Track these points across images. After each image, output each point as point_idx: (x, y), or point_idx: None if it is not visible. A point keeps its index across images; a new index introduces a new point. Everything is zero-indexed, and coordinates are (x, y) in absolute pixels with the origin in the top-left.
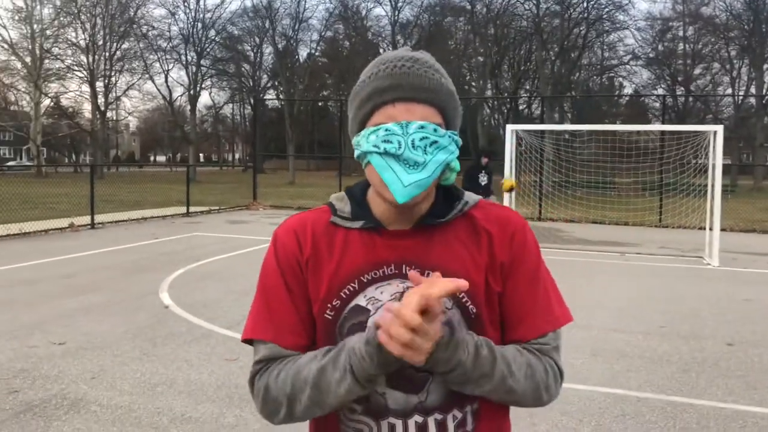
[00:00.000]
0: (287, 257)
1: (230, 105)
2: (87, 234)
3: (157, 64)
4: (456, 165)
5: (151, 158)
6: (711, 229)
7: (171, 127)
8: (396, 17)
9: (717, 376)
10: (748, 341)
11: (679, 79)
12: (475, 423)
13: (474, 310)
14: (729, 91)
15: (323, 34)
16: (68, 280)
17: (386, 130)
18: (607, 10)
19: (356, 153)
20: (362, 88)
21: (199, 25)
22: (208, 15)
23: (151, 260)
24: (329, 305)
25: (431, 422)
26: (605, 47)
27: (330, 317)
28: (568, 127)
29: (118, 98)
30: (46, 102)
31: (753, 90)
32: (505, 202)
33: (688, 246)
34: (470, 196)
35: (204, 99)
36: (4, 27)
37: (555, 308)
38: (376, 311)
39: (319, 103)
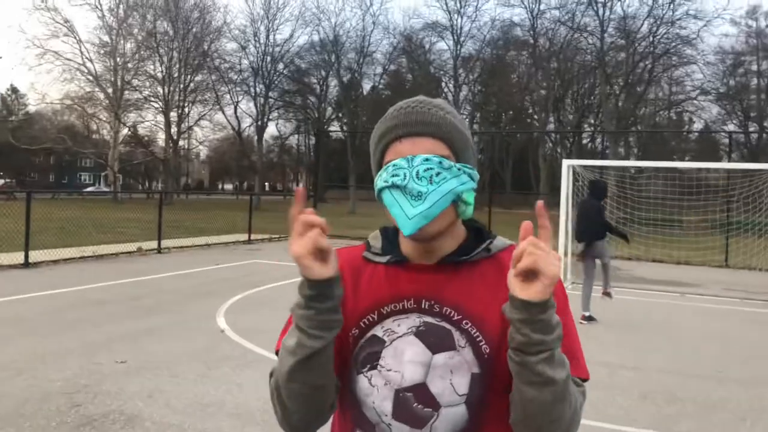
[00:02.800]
0: None
1: (296, 136)
2: (154, 258)
3: (228, 96)
4: (469, 197)
5: (220, 186)
6: None
7: (239, 157)
8: (458, 51)
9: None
10: None
11: (752, 114)
12: None
13: (487, 350)
14: None
15: (387, 67)
16: (134, 302)
17: (394, 165)
18: (674, 44)
19: (376, 193)
20: (375, 132)
21: (268, 58)
22: (277, 49)
23: (212, 285)
24: (349, 334)
25: None
26: (673, 82)
27: (349, 346)
28: (626, 163)
29: (190, 128)
30: (124, 131)
31: None
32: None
33: (755, 288)
34: (500, 240)
35: (271, 129)
36: (90, 60)
37: (581, 359)
38: (391, 343)
39: None
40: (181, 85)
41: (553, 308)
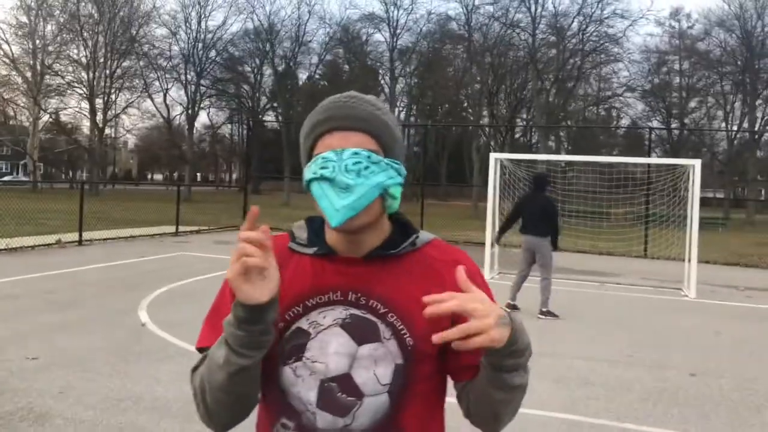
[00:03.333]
0: None
1: (228, 125)
2: (74, 251)
3: (157, 83)
4: (396, 192)
5: (149, 176)
6: (689, 261)
7: (169, 146)
8: (395, 43)
9: (674, 405)
10: (710, 372)
11: (674, 111)
12: None
13: (411, 343)
14: (723, 125)
15: (323, 57)
16: (50, 295)
17: (323, 158)
18: (602, 42)
19: (304, 185)
20: (305, 125)
21: (200, 45)
22: (209, 36)
23: (135, 278)
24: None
25: None
26: (600, 78)
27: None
28: (552, 157)
29: (117, 116)
30: (45, 118)
31: (746, 125)
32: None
33: (670, 277)
34: (424, 234)
35: (202, 118)
36: (7, 42)
37: None
38: (317, 335)
39: None
40: (107, 71)
41: (518, 336)
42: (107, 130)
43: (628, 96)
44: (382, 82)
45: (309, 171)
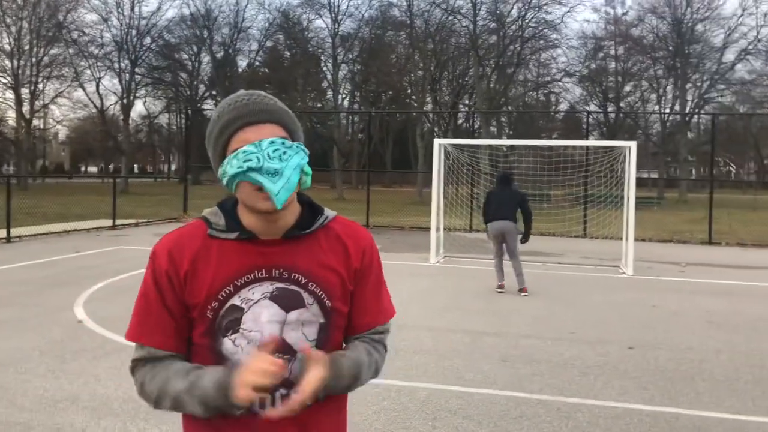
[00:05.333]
0: (161, 274)
1: (166, 115)
2: (1, 248)
3: (89, 71)
4: (308, 169)
5: (82, 169)
6: (627, 239)
7: (103, 137)
8: (336, 29)
9: (614, 378)
10: (648, 345)
11: (610, 96)
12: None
13: (329, 305)
14: (656, 107)
15: (263, 44)
16: None
17: (244, 152)
18: (540, 28)
19: (224, 181)
20: (214, 127)
21: (134, 32)
22: (143, 22)
23: (70, 274)
24: (209, 307)
25: (293, 394)
26: (540, 64)
27: (210, 317)
28: (493, 141)
29: (45, 106)
30: None
31: (678, 107)
32: (433, 215)
33: (608, 256)
34: (329, 212)
35: (139, 108)
36: None
37: (388, 306)
38: (249, 309)
39: None
40: (34, 59)
41: (335, 380)
42: (35, 122)
43: (567, 81)
44: (325, 68)
45: (231, 167)
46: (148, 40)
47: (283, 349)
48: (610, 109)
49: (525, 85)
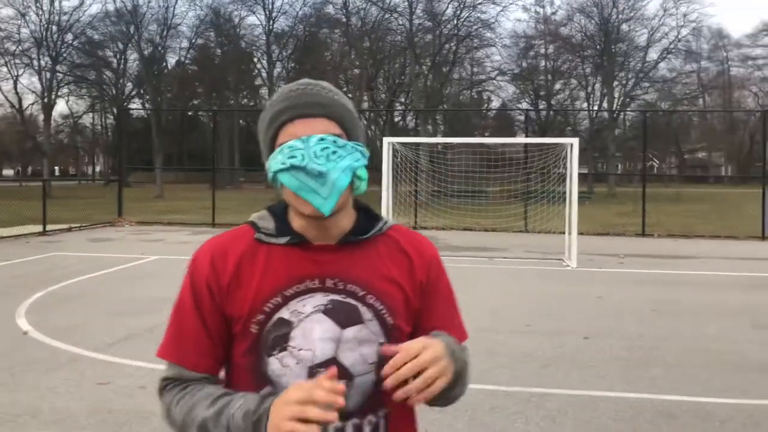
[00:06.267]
0: (201, 282)
1: (90, 114)
2: None
3: (5, 69)
4: (363, 173)
5: None
6: (570, 233)
7: (21, 138)
8: (271, 27)
9: (573, 368)
10: (600, 335)
11: (542, 93)
12: (388, 427)
13: (391, 322)
14: (585, 105)
15: (193, 41)
16: None
17: (289, 147)
18: (475, 27)
19: (269, 176)
20: (265, 116)
21: (54, 28)
22: (65, 17)
23: (3, 284)
24: (253, 320)
25: (349, 427)
26: (474, 63)
27: (255, 332)
28: (441, 140)
29: None
30: None
31: (605, 105)
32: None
33: (551, 249)
34: (388, 219)
35: (60, 107)
36: None
37: (462, 326)
38: (299, 323)
39: (189, 113)
40: None
41: (458, 361)
42: None
43: (500, 80)
44: (259, 65)
45: (275, 162)
46: (70, 36)
47: (339, 373)
48: (541, 106)
49: (460, 84)
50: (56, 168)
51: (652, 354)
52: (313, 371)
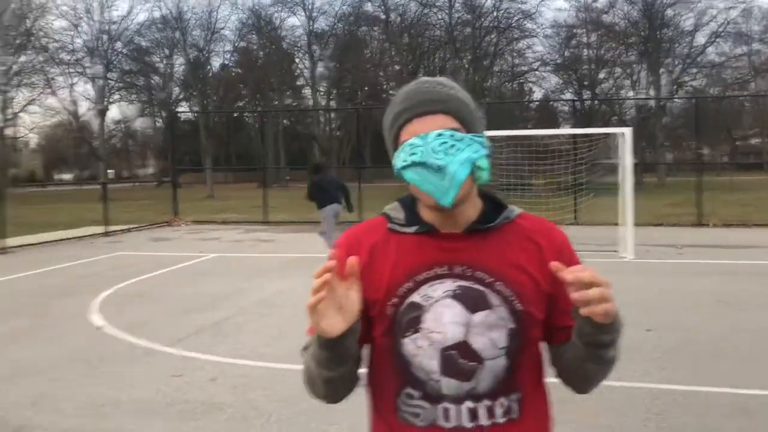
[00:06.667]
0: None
1: (141, 119)
2: None
3: (61, 78)
4: (484, 164)
5: (55, 177)
6: (625, 224)
7: (77, 144)
8: (311, 27)
9: (637, 359)
10: (664, 327)
11: (585, 83)
12: (521, 411)
13: (520, 308)
14: (630, 93)
15: (236, 44)
16: None
17: (410, 145)
18: (516, 18)
19: (395, 173)
20: (387, 117)
21: (105, 37)
22: (114, 27)
23: (74, 282)
24: (389, 303)
25: (481, 408)
26: (515, 54)
27: (389, 313)
28: (486, 133)
29: (16, 114)
30: None
31: (652, 92)
32: None
33: (604, 241)
34: (514, 207)
35: (113, 113)
36: None
37: None
38: (430, 307)
39: (235, 115)
40: (3, 67)
41: (618, 317)
42: (6, 131)
43: (543, 70)
44: (301, 65)
45: (398, 160)
46: (119, 44)
47: (469, 355)
48: (585, 96)
49: (501, 76)
50: (110, 171)
51: (720, 346)
52: (444, 353)
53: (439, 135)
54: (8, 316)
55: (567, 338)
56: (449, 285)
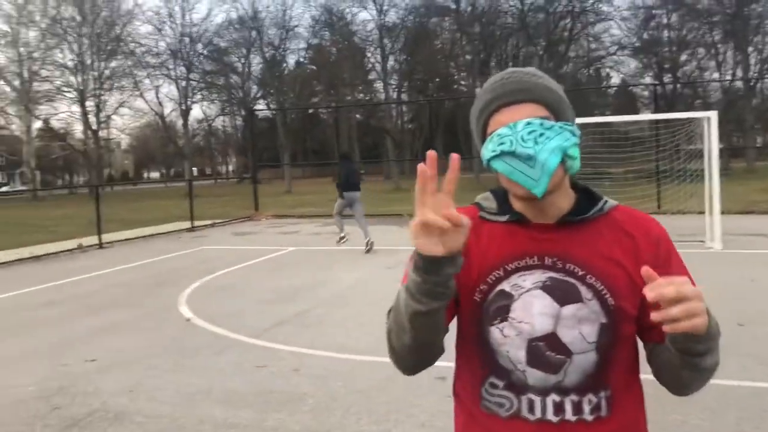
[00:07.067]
0: None
1: (221, 117)
2: (96, 254)
3: (147, 81)
4: (575, 152)
5: (145, 175)
6: (711, 213)
7: (164, 143)
8: (382, 20)
9: (731, 355)
10: (757, 320)
11: (666, 66)
12: (610, 410)
13: (612, 303)
14: (716, 75)
15: (310, 41)
16: (88, 299)
17: (498, 135)
18: (591, 1)
19: (483, 163)
20: (474, 109)
21: (186, 39)
22: (195, 29)
23: (165, 276)
24: (478, 289)
25: (567, 402)
26: (591, 39)
27: (478, 299)
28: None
29: (109, 117)
30: (37, 124)
31: (739, 73)
32: None
33: (690, 231)
34: (609, 200)
35: (195, 112)
36: None
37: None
38: (519, 297)
39: (310, 111)
40: (96, 73)
41: (713, 321)
42: (100, 132)
43: (620, 55)
44: (372, 60)
45: (487, 150)
46: (200, 46)
47: (558, 348)
48: (666, 80)
49: (576, 62)
50: (194, 169)
51: None
52: (532, 344)
53: (528, 123)
54: (108, 308)
55: (661, 338)
56: (539, 276)
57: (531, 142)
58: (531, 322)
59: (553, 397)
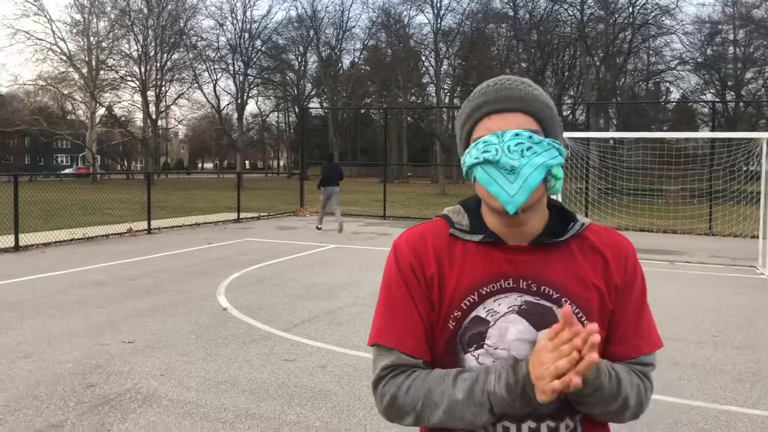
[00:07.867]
0: (407, 269)
1: (275, 113)
2: (145, 239)
3: (206, 74)
4: (558, 172)
5: (199, 165)
6: (766, 237)
7: (219, 135)
8: (438, 25)
9: None
10: None
11: (729, 83)
12: (583, 431)
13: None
14: None
15: (366, 42)
16: (133, 282)
17: (484, 141)
18: (653, 14)
19: (464, 171)
20: (462, 112)
21: (246, 35)
22: (255, 25)
23: (207, 264)
24: (451, 316)
25: (544, 428)
26: (651, 52)
27: (452, 327)
28: (614, 134)
29: (168, 107)
30: (101, 111)
31: None
32: None
33: (740, 255)
34: (582, 219)
35: (250, 107)
36: (63, 40)
37: (654, 332)
38: (495, 322)
39: (362, 111)
40: (158, 64)
41: (598, 383)
42: (159, 122)
43: (681, 69)
44: (426, 64)
45: (470, 156)
46: (258, 42)
47: None
48: (729, 97)
49: (634, 75)
50: (246, 162)
51: None
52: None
53: (517, 135)
54: (151, 292)
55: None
56: (514, 299)
57: (517, 155)
58: (507, 348)
59: (529, 424)
